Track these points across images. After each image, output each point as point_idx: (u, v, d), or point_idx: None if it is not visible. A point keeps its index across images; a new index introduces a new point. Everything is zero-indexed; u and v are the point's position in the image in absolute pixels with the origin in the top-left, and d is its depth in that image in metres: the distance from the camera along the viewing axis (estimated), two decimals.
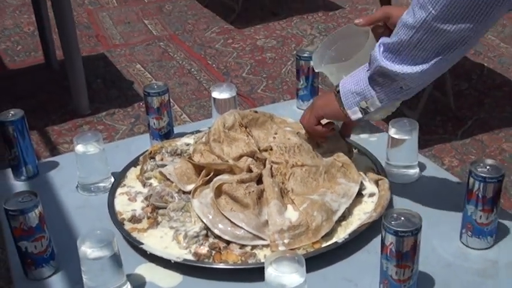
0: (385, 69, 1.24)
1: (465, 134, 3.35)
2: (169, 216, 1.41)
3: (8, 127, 1.58)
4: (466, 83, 3.87)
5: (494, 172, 1.27)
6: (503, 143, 3.27)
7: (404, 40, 1.20)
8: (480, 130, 3.38)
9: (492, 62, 4.13)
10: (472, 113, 3.54)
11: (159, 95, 1.70)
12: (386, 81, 1.28)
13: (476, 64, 4.10)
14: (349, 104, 1.35)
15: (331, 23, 4.81)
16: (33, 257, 1.29)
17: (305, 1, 5.25)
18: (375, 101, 1.31)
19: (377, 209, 1.39)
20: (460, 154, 3.18)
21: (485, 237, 1.32)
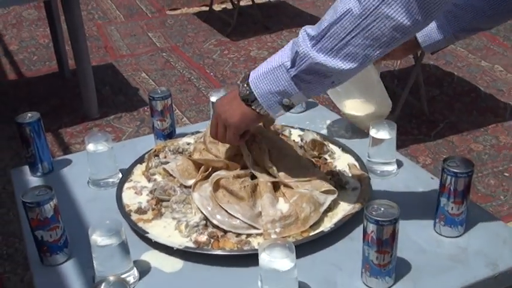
0: (320, 65, 1.12)
1: (437, 135, 3.37)
2: (172, 208, 1.41)
3: (25, 128, 1.57)
4: (438, 90, 3.88)
5: (464, 168, 1.28)
6: (471, 144, 3.29)
7: (347, 28, 1.08)
8: (450, 132, 3.39)
9: (461, 71, 4.14)
10: (443, 117, 3.55)
11: (163, 99, 1.70)
12: (317, 78, 1.16)
13: (447, 73, 4.12)
14: (270, 105, 1.22)
15: None
16: (49, 244, 1.28)
17: (294, 16, 5.26)
18: (300, 96, 1.20)
19: (359, 201, 1.39)
20: (433, 153, 3.19)
21: (456, 227, 1.33)
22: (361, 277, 1.21)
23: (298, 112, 1.89)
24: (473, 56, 4.37)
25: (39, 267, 1.30)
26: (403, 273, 1.23)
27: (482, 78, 4.04)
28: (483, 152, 3.21)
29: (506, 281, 1.27)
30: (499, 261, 1.26)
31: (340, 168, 1.54)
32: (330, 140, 1.65)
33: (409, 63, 4.18)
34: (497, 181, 2.97)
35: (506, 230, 1.36)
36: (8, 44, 4.87)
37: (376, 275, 1.18)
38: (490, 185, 2.94)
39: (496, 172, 3.05)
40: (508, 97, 3.77)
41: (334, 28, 1.09)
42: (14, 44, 4.87)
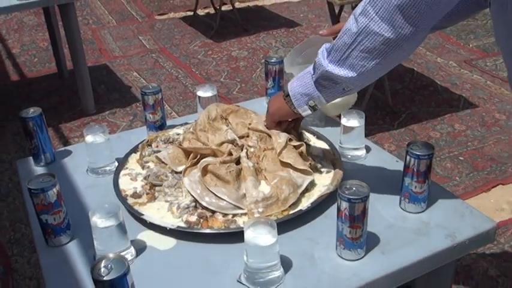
0: (330, 73, 1.22)
1: (400, 124, 3.39)
2: (165, 192, 1.40)
3: (28, 122, 1.56)
4: (400, 84, 3.91)
5: (425, 151, 1.29)
6: (430, 131, 3.32)
7: (348, 43, 1.18)
8: (412, 121, 3.42)
9: (420, 67, 4.17)
10: (405, 108, 3.57)
11: (154, 94, 1.69)
12: (331, 84, 1.26)
13: (408, 69, 4.14)
14: (299, 104, 1.34)
15: (292, 37, 4.82)
16: (53, 227, 1.27)
17: (270, 20, 5.25)
18: (321, 100, 1.30)
19: (333, 183, 1.39)
20: (397, 141, 3.22)
21: (419, 203, 1.34)
22: (336, 250, 1.22)
23: None
24: (431, 53, 4.40)
25: (45, 248, 1.29)
26: (373, 245, 1.24)
27: (439, 73, 4.07)
28: (440, 139, 3.24)
29: (464, 250, 1.29)
30: (457, 233, 1.27)
31: (315, 154, 1.53)
32: (305, 129, 1.65)
33: None
34: (453, 164, 3.00)
35: (463, 206, 1.37)
36: (10, 48, 4.82)
37: (349, 247, 1.19)
38: (447, 168, 2.97)
39: (452, 156, 3.07)
40: (461, 90, 3.80)
41: (339, 43, 1.20)
42: (16, 48, 4.81)
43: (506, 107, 3.56)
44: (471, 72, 4.06)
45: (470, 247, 1.30)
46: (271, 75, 1.87)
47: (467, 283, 2.24)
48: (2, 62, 4.57)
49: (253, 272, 1.13)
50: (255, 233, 1.11)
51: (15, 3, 3.16)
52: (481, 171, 2.95)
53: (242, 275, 1.16)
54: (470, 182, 2.86)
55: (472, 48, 4.46)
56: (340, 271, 1.18)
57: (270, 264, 1.13)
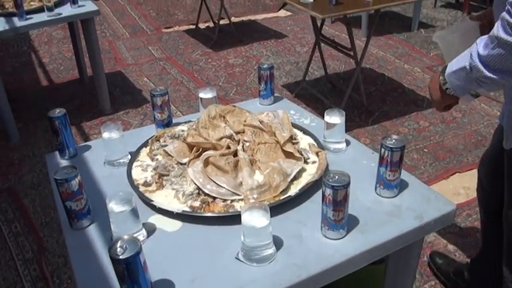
0: (489, 77, 1.18)
1: (374, 121, 3.37)
2: (171, 181, 1.37)
3: (55, 121, 1.53)
4: (373, 87, 3.89)
5: (398, 144, 1.27)
6: (400, 127, 3.30)
7: (502, 54, 1.13)
8: (384, 119, 3.41)
9: (390, 72, 4.15)
10: (378, 107, 3.56)
11: (162, 96, 1.66)
12: (489, 82, 1.20)
13: (380, 74, 4.12)
14: (460, 93, 1.32)
15: (280, 47, 4.78)
16: (76, 212, 1.25)
17: (262, 32, 5.21)
18: (482, 91, 1.27)
19: (318, 172, 1.37)
20: (371, 135, 3.20)
21: (392, 189, 1.32)
22: (321, 230, 1.20)
23: (268, 104, 1.86)
24: (399, 60, 4.38)
25: (69, 230, 1.27)
26: (353, 226, 1.22)
27: (406, 77, 4.05)
28: (408, 134, 3.22)
29: (430, 229, 1.28)
30: (424, 215, 1.26)
31: (302, 147, 1.51)
32: (293, 125, 1.62)
33: (351, 66, 4.19)
34: (419, 155, 2.99)
35: (429, 192, 1.35)
36: (41, 57, 4.77)
37: (332, 228, 1.16)
38: (414, 159, 2.95)
39: (418, 149, 3.06)
40: (425, 92, 3.78)
41: (494, 53, 1.15)
42: (46, 57, 4.77)
43: (461, 107, 3.55)
44: None
45: (435, 227, 1.28)
46: (263, 79, 1.84)
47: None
48: (34, 70, 4.53)
49: (249, 250, 1.11)
50: (251, 216, 1.09)
51: (45, 18, 3.13)
52: (442, 161, 2.94)
53: (240, 252, 1.14)
54: (433, 171, 2.85)
55: (432, 57, 4.44)
56: (324, 248, 1.16)
57: (264, 243, 1.11)
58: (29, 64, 4.65)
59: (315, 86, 3.91)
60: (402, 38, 4.89)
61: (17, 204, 2.73)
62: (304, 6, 3.03)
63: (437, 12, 5.62)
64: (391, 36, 4.93)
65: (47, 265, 2.30)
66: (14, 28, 3.07)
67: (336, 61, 4.37)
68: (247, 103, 1.89)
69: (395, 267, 1.38)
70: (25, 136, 3.39)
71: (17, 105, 3.69)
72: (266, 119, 1.53)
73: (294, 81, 4.05)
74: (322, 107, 3.55)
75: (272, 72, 1.82)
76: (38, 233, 2.49)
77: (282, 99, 1.92)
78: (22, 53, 4.93)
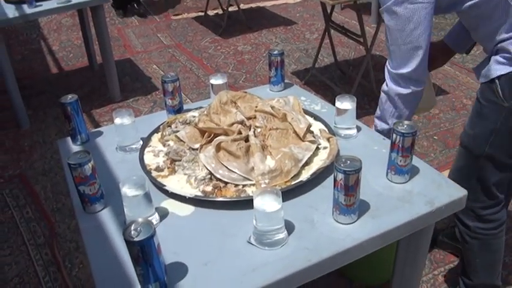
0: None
1: None
2: (183, 166, 1.39)
3: (67, 107, 1.54)
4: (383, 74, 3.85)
5: (409, 129, 1.27)
6: None
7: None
8: None
9: None
10: None
11: (173, 82, 1.67)
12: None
13: None
14: None
15: (289, 33, 4.76)
16: (89, 197, 1.26)
17: (270, 18, 5.19)
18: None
19: (329, 157, 1.37)
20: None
21: (403, 175, 1.32)
22: (332, 215, 1.20)
23: (278, 91, 1.87)
24: None
25: (83, 214, 1.29)
26: (364, 211, 1.22)
27: None
28: (418, 121, 3.21)
29: (440, 214, 1.28)
30: (435, 200, 1.26)
31: (314, 133, 1.51)
32: (304, 111, 1.62)
33: (361, 53, 4.17)
34: (429, 143, 2.98)
35: (441, 177, 1.35)
36: (51, 45, 4.79)
37: (344, 213, 1.17)
38: (424, 146, 2.95)
39: (428, 136, 3.05)
40: (435, 79, 3.75)
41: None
42: (55, 45, 4.78)
43: (472, 94, 3.52)
44: None
45: (446, 212, 1.28)
46: (273, 66, 1.84)
47: None
48: (44, 57, 4.55)
49: (261, 234, 1.12)
50: (263, 200, 1.10)
51: (55, 6, 3.13)
52: (452, 148, 2.92)
53: (252, 236, 1.15)
54: (443, 158, 2.84)
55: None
56: (336, 233, 1.17)
57: (275, 227, 1.11)
58: (38, 52, 4.67)
59: (324, 73, 3.89)
60: None
61: (28, 190, 2.76)
62: None
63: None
64: None
65: (58, 250, 2.32)
66: (23, 15, 3.08)
67: (346, 48, 4.35)
68: (257, 89, 1.89)
69: (406, 253, 1.39)
70: (35, 123, 3.41)
71: (27, 92, 3.71)
72: (277, 104, 1.53)
73: (303, 68, 4.03)
74: (332, 94, 3.54)
75: (282, 59, 1.82)
76: (50, 219, 2.52)
77: (292, 85, 1.92)
78: (32, 40, 4.94)
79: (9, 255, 2.31)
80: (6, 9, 3.13)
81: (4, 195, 2.73)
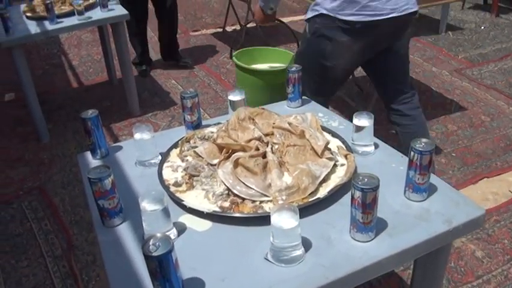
0: None
1: None
2: (202, 181, 1.40)
3: (87, 122, 1.56)
4: None
5: (427, 147, 1.27)
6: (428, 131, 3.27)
7: None
8: None
9: (418, 75, 4.12)
10: None
11: (192, 98, 1.69)
12: None
13: None
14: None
15: None
16: (108, 211, 1.28)
17: (288, 35, 5.21)
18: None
19: (346, 174, 1.37)
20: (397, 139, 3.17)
21: (421, 193, 1.32)
22: (349, 232, 1.20)
23: (296, 107, 1.88)
24: (427, 63, 4.34)
25: (102, 228, 1.30)
26: (382, 229, 1.22)
27: (434, 80, 4.01)
28: (436, 138, 3.19)
29: (458, 234, 1.27)
30: (453, 219, 1.25)
31: (331, 149, 1.52)
32: (322, 128, 1.63)
33: None
34: (447, 160, 2.96)
35: (458, 196, 1.35)
36: (71, 60, 4.86)
37: (361, 231, 1.17)
38: (442, 163, 2.92)
39: (446, 153, 3.03)
40: (452, 95, 3.74)
41: None
42: (75, 60, 4.85)
43: (490, 110, 3.50)
44: (461, 80, 4.00)
45: (464, 231, 1.28)
46: (291, 82, 1.85)
47: (458, 263, 2.21)
48: (64, 72, 4.62)
49: (278, 251, 1.12)
50: (280, 217, 1.11)
51: (76, 22, 3.20)
52: (470, 166, 2.90)
53: (269, 253, 1.15)
54: (461, 176, 2.81)
55: (461, 59, 4.39)
56: (353, 251, 1.16)
57: (292, 244, 1.12)
58: (59, 66, 4.74)
59: (342, 89, 3.89)
60: (430, 41, 4.84)
61: (47, 202, 2.79)
62: None
63: (465, 15, 5.56)
64: (419, 39, 4.89)
65: (76, 262, 2.34)
66: (45, 31, 3.14)
67: None
68: (275, 105, 1.90)
69: (423, 272, 1.38)
70: (55, 137, 3.46)
71: (48, 106, 3.76)
72: (295, 121, 1.54)
73: None
74: (349, 110, 3.53)
75: (300, 75, 1.84)
76: (68, 231, 2.55)
77: (310, 102, 1.93)
78: (52, 55, 5.02)
79: (27, 266, 2.34)
80: (28, 25, 3.20)
81: (23, 207, 2.77)
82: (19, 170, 3.13)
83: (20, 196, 2.87)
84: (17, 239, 2.52)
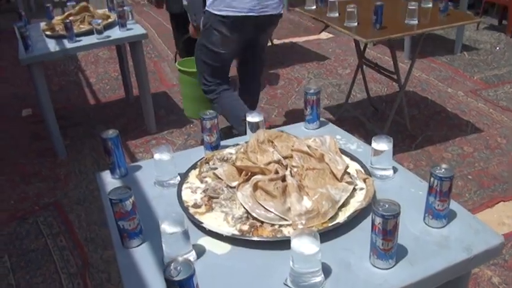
0: None
1: (417, 146, 3.33)
2: (221, 203, 1.40)
3: (108, 141, 1.58)
4: (416, 110, 3.85)
5: (447, 173, 1.26)
6: (443, 153, 3.25)
7: None
8: (427, 143, 3.36)
9: (434, 95, 4.11)
10: (421, 131, 3.52)
11: (211, 119, 1.69)
12: None
13: (423, 97, 4.09)
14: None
15: (322, 69, 4.80)
16: (128, 232, 1.29)
17: (303, 54, 5.25)
18: None
19: (366, 199, 1.37)
20: (414, 160, 3.16)
21: (441, 219, 1.31)
22: (370, 259, 1.20)
23: (314, 129, 1.88)
24: (442, 84, 4.33)
25: (121, 249, 1.30)
26: (402, 256, 1.21)
27: (449, 101, 4.00)
28: (452, 159, 3.18)
29: (479, 262, 1.26)
30: (473, 247, 1.24)
31: (351, 173, 1.51)
32: (340, 151, 1.63)
33: (393, 89, 4.17)
34: (463, 182, 2.94)
35: (477, 222, 1.33)
36: (88, 77, 4.93)
37: (381, 257, 1.16)
38: (458, 186, 2.90)
39: (462, 175, 3.01)
40: (468, 116, 3.73)
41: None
42: (92, 77, 4.92)
43: (506, 132, 3.48)
44: (476, 101, 3.99)
45: (483, 260, 1.27)
46: (309, 104, 1.86)
47: None
48: (82, 89, 4.68)
49: (298, 276, 1.12)
50: (301, 242, 1.10)
51: (94, 41, 3.24)
52: (487, 189, 2.88)
53: (288, 278, 1.14)
54: (478, 199, 2.79)
55: (476, 80, 4.38)
56: (373, 278, 1.16)
57: (313, 270, 1.11)
58: (76, 83, 4.81)
59: (357, 109, 3.90)
60: (445, 61, 4.84)
61: (62, 218, 2.81)
62: (348, 30, 3.05)
63: (480, 35, 5.55)
64: (434, 59, 4.89)
65: (90, 280, 2.35)
66: (64, 50, 3.20)
67: (379, 84, 4.36)
68: (292, 127, 1.91)
69: None
70: (72, 153, 3.50)
71: (65, 122, 3.81)
72: (314, 144, 1.55)
73: (336, 103, 4.05)
74: (365, 130, 3.54)
75: (318, 98, 1.84)
76: (83, 248, 2.56)
77: (328, 123, 1.93)
78: (69, 72, 5.10)
79: (41, 282, 2.35)
80: (48, 43, 3.25)
81: (39, 223, 2.79)
82: (35, 185, 3.16)
83: (36, 211, 2.89)
84: (32, 255, 2.54)
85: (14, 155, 3.57)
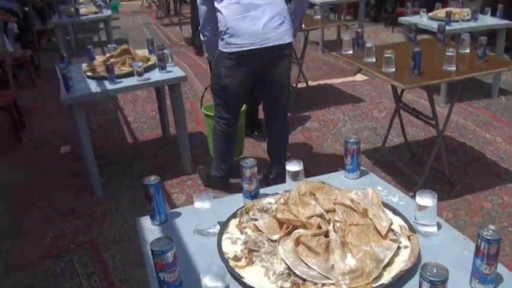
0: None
1: (456, 194, 3.25)
2: (261, 257, 1.38)
3: (149, 188, 1.60)
4: (455, 157, 3.78)
5: (495, 235, 1.23)
6: (483, 202, 3.17)
7: None
8: (466, 192, 3.28)
9: (471, 141, 4.04)
10: (460, 179, 3.44)
11: (251, 168, 1.69)
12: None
13: (461, 143, 4.02)
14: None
15: (357, 111, 4.79)
16: (168, 284, 1.28)
17: (338, 96, 5.25)
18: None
19: (411, 259, 1.33)
20: (453, 210, 3.08)
21: (488, 284, 1.25)
22: None
23: (354, 178, 1.86)
24: (480, 129, 4.26)
25: None
26: None
27: (488, 147, 3.92)
28: (492, 210, 3.09)
29: None
30: None
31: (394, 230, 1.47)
32: (383, 204, 1.59)
33: (431, 134, 4.11)
34: (503, 235, 2.83)
35: None
36: (126, 116, 5.03)
37: None
38: None
39: (502, 227, 2.90)
40: (508, 164, 3.64)
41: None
42: (130, 116, 5.02)
43: None
44: None
45: None
46: (349, 154, 1.84)
47: None
48: (120, 127, 4.78)
49: None
50: None
51: (135, 83, 3.32)
52: None
53: None
54: None
55: None
56: None
57: None
58: (114, 121, 4.91)
59: (394, 153, 3.86)
60: (482, 105, 4.78)
61: (97, 257, 2.82)
62: (386, 76, 3.04)
63: None
64: (471, 103, 4.83)
65: None
66: (104, 91, 3.28)
67: (416, 128, 4.31)
68: (332, 176, 1.89)
69: None
70: (109, 191, 3.54)
71: (102, 160, 3.87)
72: (356, 197, 1.53)
73: (372, 147, 4.02)
74: (402, 176, 3.48)
75: (359, 147, 1.83)
76: None
77: (368, 173, 1.91)
78: (108, 111, 5.21)
79: None
80: (89, 84, 3.35)
81: (74, 261, 2.81)
82: (71, 222, 3.20)
83: (71, 250, 2.92)
84: None
85: (51, 191, 3.63)
